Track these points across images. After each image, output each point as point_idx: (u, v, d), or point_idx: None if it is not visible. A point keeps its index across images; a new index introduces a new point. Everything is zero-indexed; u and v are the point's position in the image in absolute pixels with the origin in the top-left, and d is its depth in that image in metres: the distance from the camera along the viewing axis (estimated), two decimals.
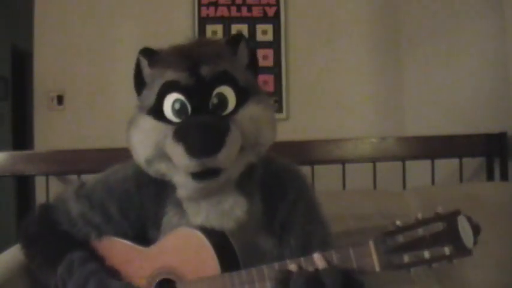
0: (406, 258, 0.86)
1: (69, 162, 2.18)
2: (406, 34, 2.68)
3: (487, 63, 2.35)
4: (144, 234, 1.19)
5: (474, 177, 2.37)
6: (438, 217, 0.87)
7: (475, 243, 0.87)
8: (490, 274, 1.70)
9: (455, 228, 0.85)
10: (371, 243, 0.90)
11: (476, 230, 0.87)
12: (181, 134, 1.02)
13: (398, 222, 0.88)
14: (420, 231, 0.86)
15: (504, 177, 2.25)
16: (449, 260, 0.85)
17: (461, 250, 0.85)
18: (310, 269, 0.94)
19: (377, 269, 0.89)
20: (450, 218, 0.86)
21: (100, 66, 2.59)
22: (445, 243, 0.85)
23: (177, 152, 1.02)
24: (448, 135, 2.31)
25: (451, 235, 0.85)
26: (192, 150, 1.00)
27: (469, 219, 0.87)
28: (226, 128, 1.03)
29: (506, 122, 2.25)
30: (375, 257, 0.89)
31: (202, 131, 1.01)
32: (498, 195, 1.92)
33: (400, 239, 0.87)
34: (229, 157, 1.03)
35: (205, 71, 1.07)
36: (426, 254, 0.86)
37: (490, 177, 2.30)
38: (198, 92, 1.07)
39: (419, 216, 0.88)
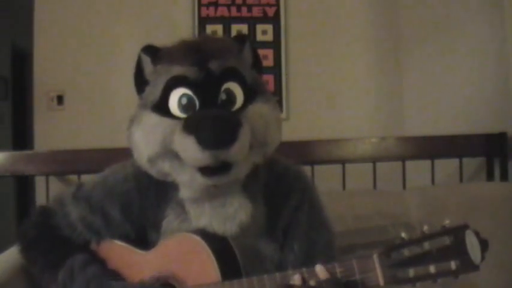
0: (411, 272, 0.85)
1: (69, 162, 2.18)
2: (406, 34, 2.68)
3: (487, 63, 2.35)
4: (144, 236, 1.17)
5: (474, 177, 2.37)
6: (445, 231, 0.85)
7: (482, 258, 0.85)
8: (491, 274, 1.70)
9: (463, 243, 0.84)
10: (375, 257, 0.89)
11: (484, 245, 0.86)
12: (193, 126, 1.00)
13: (403, 235, 0.87)
14: (426, 245, 0.85)
15: (504, 177, 2.25)
16: (455, 275, 0.84)
17: (468, 265, 0.84)
18: (312, 282, 0.92)
19: (381, 283, 0.88)
20: (458, 232, 0.85)
21: (100, 66, 2.59)
22: (451, 258, 0.84)
23: (188, 145, 0.99)
24: (448, 135, 2.31)
25: (458, 250, 0.84)
26: (205, 142, 0.98)
27: (477, 234, 0.86)
28: (238, 121, 1.01)
29: (506, 122, 2.25)
30: (379, 270, 0.88)
31: (214, 123, 0.99)
32: (498, 195, 1.91)
33: (406, 252, 0.86)
34: (242, 151, 1.01)
35: (214, 65, 1.05)
36: (432, 269, 0.84)
37: (490, 177, 2.30)
38: (207, 87, 1.05)
39: (426, 229, 0.86)
